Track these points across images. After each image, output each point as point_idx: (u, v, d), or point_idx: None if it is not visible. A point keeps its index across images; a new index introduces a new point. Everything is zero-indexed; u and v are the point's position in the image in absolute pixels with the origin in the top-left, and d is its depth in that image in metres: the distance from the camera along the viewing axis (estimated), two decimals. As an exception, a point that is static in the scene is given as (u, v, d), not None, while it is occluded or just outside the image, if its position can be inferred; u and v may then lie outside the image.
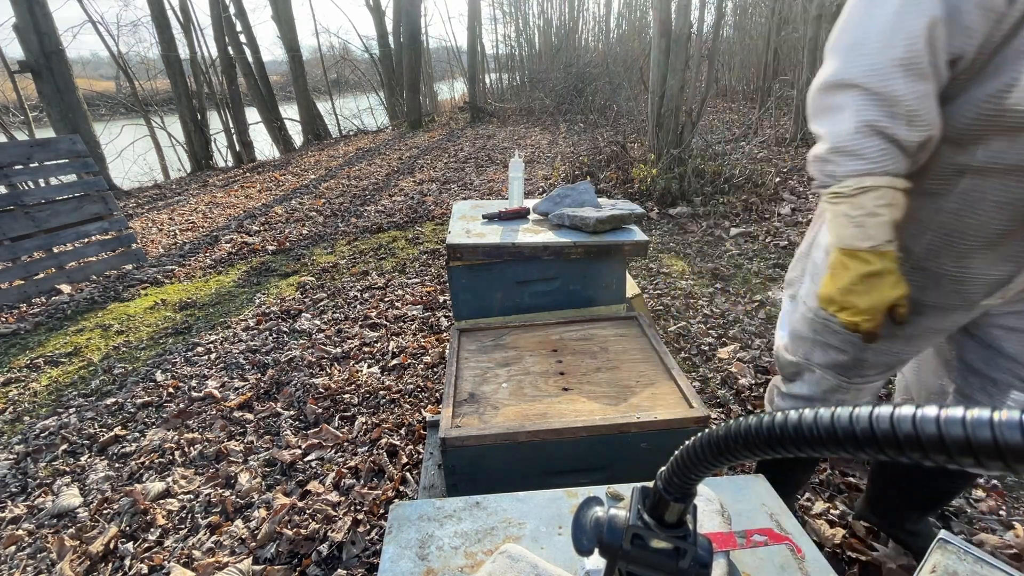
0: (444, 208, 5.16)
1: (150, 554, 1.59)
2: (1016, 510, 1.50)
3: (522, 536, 0.76)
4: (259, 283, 3.76)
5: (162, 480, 1.88)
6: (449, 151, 8.37)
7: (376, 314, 3.06)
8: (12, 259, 3.75)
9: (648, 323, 1.36)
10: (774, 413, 0.32)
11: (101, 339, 3.07)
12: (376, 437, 2.01)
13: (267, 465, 1.94)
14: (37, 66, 6.56)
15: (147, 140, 10.84)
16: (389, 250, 4.17)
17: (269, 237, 4.82)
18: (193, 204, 6.61)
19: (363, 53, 16.93)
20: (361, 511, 1.67)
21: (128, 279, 4.01)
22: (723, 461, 0.37)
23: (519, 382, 1.14)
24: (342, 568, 1.48)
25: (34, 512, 1.79)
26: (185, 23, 10.51)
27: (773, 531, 0.75)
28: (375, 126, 13.89)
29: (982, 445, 0.22)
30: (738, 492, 0.83)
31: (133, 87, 11.00)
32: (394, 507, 0.81)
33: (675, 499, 0.44)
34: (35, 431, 2.23)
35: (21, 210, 3.87)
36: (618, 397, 1.07)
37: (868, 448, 0.27)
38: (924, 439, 0.24)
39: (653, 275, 3.32)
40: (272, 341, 2.86)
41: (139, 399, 2.40)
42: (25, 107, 7.36)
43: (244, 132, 11.15)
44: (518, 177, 1.82)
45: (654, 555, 0.46)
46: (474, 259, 1.52)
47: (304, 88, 11.76)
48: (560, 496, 0.83)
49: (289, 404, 2.29)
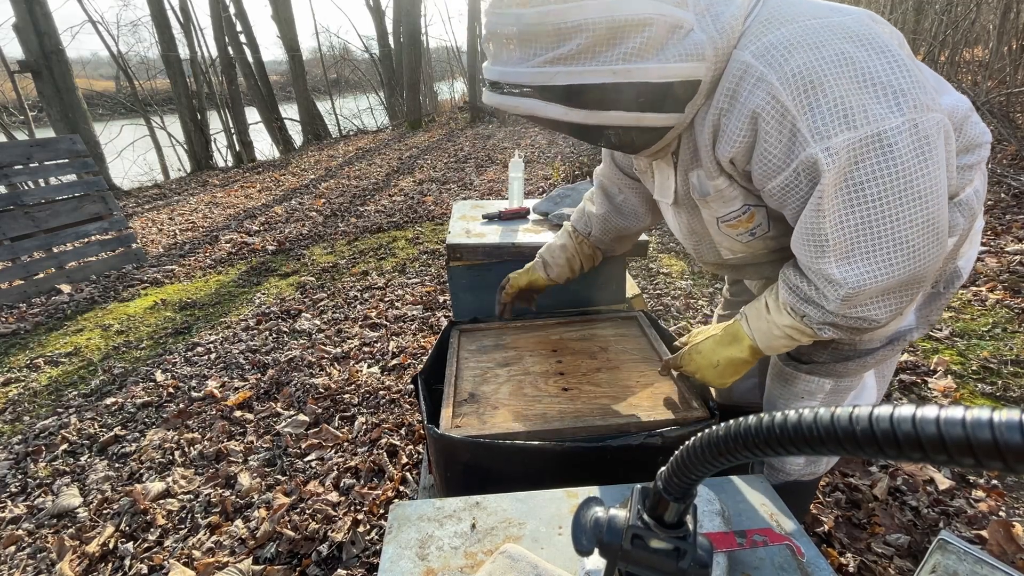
0: (444, 208, 5.16)
1: (150, 554, 1.59)
2: (1016, 510, 1.50)
3: (522, 536, 0.76)
4: (259, 283, 3.76)
5: (162, 480, 1.88)
6: (449, 151, 8.37)
7: (376, 314, 3.06)
8: (12, 259, 3.75)
9: (648, 323, 1.36)
10: (774, 413, 0.32)
11: (101, 339, 3.07)
12: (376, 437, 2.01)
13: (267, 465, 1.94)
14: (37, 66, 6.56)
15: (147, 140, 10.84)
16: (389, 250, 4.17)
17: (269, 237, 4.82)
18: (193, 204, 6.61)
19: (363, 53, 16.94)
20: (361, 511, 1.67)
21: (128, 279, 4.01)
22: (723, 461, 0.37)
23: (519, 382, 1.14)
24: (342, 568, 1.48)
25: (34, 512, 1.79)
26: (185, 23, 10.51)
27: (773, 531, 0.75)
28: (375, 126, 13.89)
29: (982, 445, 0.22)
30: (738, 492, 0.83)
31: (133, 87, 11.01)
32: (394, 507, 0.81)
33: (675, 499, 0.44)
34: (35, 431, 2.23)
35: (21, 210, 3.87)
36: (618, 397, 1.07)
37: (868, 448, 0.27)
38: (924, 439, 0.24)
39: (653, 275, 3.32)
40: (272, 341, 2.86)
41: (139, 399, 2.40)
42: (25, 107, 7.35)
43: (244, 132, 11.15)
44: (518, 177, 1.82)
45: (654, 555, 0.46)
46: (474, 259, 1.52)
47: (304, 88, 11.76)
48: (560, 496, 0.83)
49: (289, 404, 2.29)
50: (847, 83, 0.69)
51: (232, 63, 10.88)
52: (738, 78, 0.74)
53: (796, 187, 0.76)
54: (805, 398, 1.03)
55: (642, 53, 0.73)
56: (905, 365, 2.14)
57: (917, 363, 2.15)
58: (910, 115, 0.69)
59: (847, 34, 0.71)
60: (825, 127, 0.70)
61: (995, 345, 2.22)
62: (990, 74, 5.05)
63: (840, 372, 0.98)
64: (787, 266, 0.88)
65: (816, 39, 0.71)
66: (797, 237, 0.80)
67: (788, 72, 0.70)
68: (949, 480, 1.59)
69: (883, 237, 0.72)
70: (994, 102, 4.57)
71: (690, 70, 0.75)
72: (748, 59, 0.73)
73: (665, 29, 0.72)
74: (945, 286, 0.94)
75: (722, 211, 0.91)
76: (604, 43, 0.73)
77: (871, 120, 0.69)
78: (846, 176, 0.71)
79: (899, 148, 0.69)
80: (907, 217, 0.71)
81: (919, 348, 2.25)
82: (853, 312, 0.78)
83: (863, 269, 0.74)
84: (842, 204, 0.72)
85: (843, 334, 0.83)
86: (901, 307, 0.78)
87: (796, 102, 0.70)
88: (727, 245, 0.99)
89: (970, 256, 0.94)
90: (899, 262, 0.73)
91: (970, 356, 2.17)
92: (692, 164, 0.90)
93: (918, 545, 1.40)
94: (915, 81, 0.70)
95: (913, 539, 1.42)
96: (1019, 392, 1.94)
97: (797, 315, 0.84)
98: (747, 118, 0.74)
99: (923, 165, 0.69)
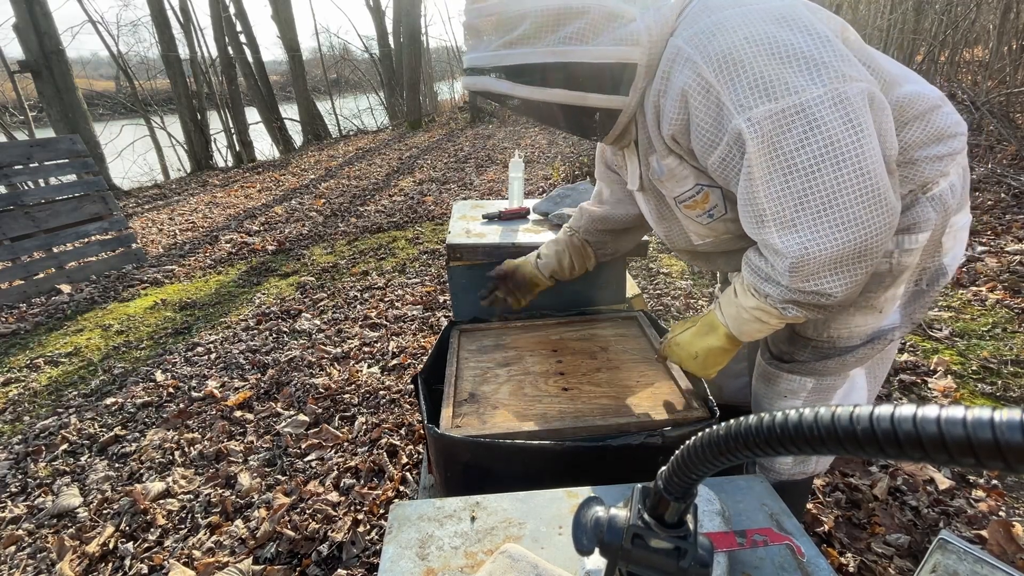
0: (444, 208, 5.16)
1: (150, 554, 1.59)
2: (1016, 510, 1.50)
3: (522, 536, 0.76)
4: (259, 283, 3.76)
5: (162, 480, 1.88)
6: (449, 151, 8.37)
7: (376, 314, 3.06)
8: (12, 259, 3.75)
9: (648, 323, 1.36)
10: (774, 413, 0.32)
11: (101, 339, 3.07)
12: (376, 437, 2.01)
13: (267, 465, 1.94)
14: (37, 66, 6.56)
15: (147, 140, 10.84)
16: (389, 250, 4.17)
17: (269, 237, 4.82)
18: (193, 204, 6.61)
19: (363, 53, 16.94)
20: (361, 511, 1.67)
21: (128, 279, 4.01)
22: (723, 461, 0.37)
23: (519, 382, 1.14)
24: (342, 568, 1.48)
25: (34, 512, 1.79)
26: (185, 23, 10.51)
27: (773, 531, 0.75)
28: (375, 126, 13.89)
29: (983, 445, 0.22)
30: (738, 492, 0.83)
31: (133, 87, 11.00)
32: (394, 507, 0.81)
33: (675, 498, 0.44)
34: (35, 431, 2.23)
35: (21, 210, 3.87)
36: (618, 397, 1.07)
37: (868, 448, 0.27)
38: (925, 439, 0.24)
39: (653, 275, 3.32)
40: (272, 341, 2.86)
41: (139, 399, 2.40)
42: (25, 107, 7.36)
43: (244, 132, 11.15)
44: (518, 177, 1.82)
45: (654, 555, 0.46)
46: (474, 259, 1.52)
47: (304, 88, 11.76)
48: (560, 496, 0.83)
49: (289, 404, 2.29)
50: (766, 58, 0.73)
51: (232, 63, 10.88)
52: (671, 61, 0.82)
53: (732, 160, 0.80)
54: (788, 397, 1.04)
55: (581, 37, 0.82)
56: (905, 365, 2.14)
57: (917, 363, 2.15)
58: (832, 85, 0.72)
59: (769, 15, 0.76)
60: (746, 99, 0.74)
61: (995, 345, 2.22)
62: (990, 74, 5.05)
63: (821, 371, 0.99)
64: (749, 249, 0.90)
65: (739, 22, 0.76)
66: (740, 210, 0.83)
67: (711, 52, 0.76)
68: (949, 480, 1.59)
69: (821, 206, 0.74)
70: (994, 102, 4.57)
71: (623, 53, 0.82)
72: (679, 44, 0.80)
73: (602, 17, 0.81)
74: (929, 283, 0.94)
75: (677, 190, 0.96)
76: (548, 29, 0.82)
77: (792, 91, 0.72)
78: (772, 146, 0.74)
79: (824, 117, 0.72)
80: (842, 185, 0.73)
81: (919, 348, 2.25)
82: (806, 285, 0.80)
83: (805, 237, 0.76)
84: (773, 174, 0.76)
85: (807, 312, 0.84)
86: (855, 280, 0.79)
87: (718, 77, 0.76)
88: (693, 229, 1.03)
89: (956, 254, 0.94)
90: (841, 230, 0.74)
91: (970, 356, 2.16)
92: (649, 149, 0.96)
93: (918, 545, 1.40)
94: (837, 54, 0.73)
95: (913, 539, 1.42)
96: (1019, 392, 1.94)
97: (760, 295, 0.86)
98: (678, 96, 0.81)
99: (851, 133, 0.72)
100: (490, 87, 0.91)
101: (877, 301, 0.93)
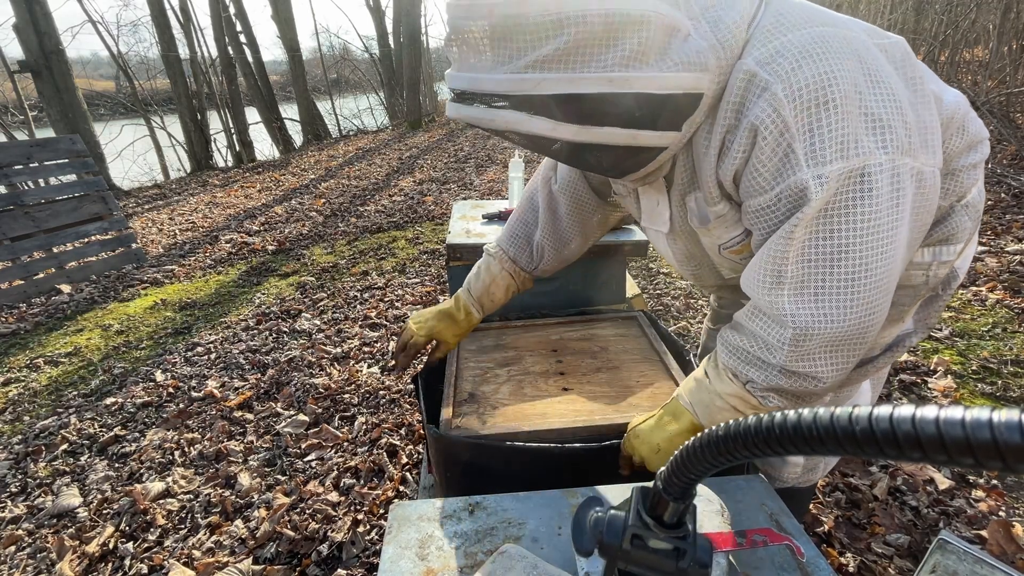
0: (444, 208, 5.16)
1: (150, 554, 1.59)
2: (1016, 510, 1.50)
3: (522, 536, 0.76)
4: (259, 283, 3.76)
5: (162, 480, 1.88)
6: (449, 151, 8.37)
7: (376, 314, 3.06)
8: (12, 259, 3.75)
9: (648, 323, 1.36)
10: (774, 413, 0.32)
11: (101, 339, 3.07)
12: (376, 437, 2.01)
13: (267, 465, 1.94)
14: (37, 66, 6.55)
15: (147, 140, 10.84)
16: (389, 250, 4.17)
17: (269, 237, 4.82)
18: (193, 204, 6.61)
19: (363, 53, 16.94)
20: (361, 511, 1.67)
21: (128, 279, 4.01)
22: (723, 461, 0.37)
23: (519, 382, 1.14)
24: (342, 568, 1.48)
25: (34, 512, 1.79)
26: (185, 23, 10.51)
27: (773, 531, 0.75)
28: (375, 126, 13.89)
29: (982, 445, 0.22)
30: (738, 492, 0.83)
31: (133, 87, 11.00)
32: (394, 507, 0.81)
33: (675, 499, 0.44)
34: (35, 431, 2.23)
35: (21, 210, 3.87)
36: (618, 397, 1.07)
37: (868, 448, 0.27)
38: (924, 440, 0.24)
39: (653, 275, 3.32)
40: (272, 341, 2.86)
41: (139, 399, 2.40)
42: (25, 107, 7.36)
43: (244, 132, 11.15)
44: (518, 177, 1.82)
45: (654, 555, 0.46)
46: (474, 259, 1.51)
47: (304, 88, 11.76)
48: (560, 496, 0.83)
49: (289, 404, 2.29)
50: (850, 107, 0.63)
51: (232, 63, 10.88)
52: (743, 90, 0.67)
53: (775, 210, 0.70)
54: None
55: (642, 58, 0.63)
56: (905, 365, 2.14)
57: (917, 363, 2.15)
58: (892, 155, 0.65)
59: (855, 52, 0.65)
60: (823, 152, 0.64)
61: (995, 345, 2.22)
62: (990, 74, 5.05)
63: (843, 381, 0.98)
64: (725, 329, 0.83)
65: (825, 50, 0.64)
66: (756, 265, 0.74)
67: (794, 84, 0.64)
68: (949, 480, 1.59)
69: (838, 277, 0.68)
70: (994, 102, 4.57)
71: (693, 81, 0.66)
72: (753, 67, 0.66)
73: (663, 31, 0.63)
74: (943, 288, 0.94)
75: (724, 237, 0.84)
76: (596, 43, 0.62)
77: (861, 152, 0.64)
78: (826, 208, 0.66)
79: (878, 186, 0.64)
80: (870, 265, 0.67)
81: (919, 348, 2.25)
82: (800, 366, 0.72)
83: (819, 309, 0.69)
84: (815, 236, 0.68)
85: (787, 401, 0.77)
86: (847, 365, 0.74)
87: (797, 119, 0.64)
88: (729, 266, 0.94)
89: (967, 256, 0.94)
90: (854, 310, 0.69)
91: (970, 356, 2.17)
92: (689, 188, 0.83)
93: (918, 545, 1.40)
94: (904, 121, 0.66)
95: (913, 539, 1.42)
96: (1019, 392, 1.94)
97: (740, 380, 0.78)
98: (748, 130, 0.67)
99: (893, 209, 0.66)
100: (518, 126, 0.67)
101: (907, 313, 0.89)
